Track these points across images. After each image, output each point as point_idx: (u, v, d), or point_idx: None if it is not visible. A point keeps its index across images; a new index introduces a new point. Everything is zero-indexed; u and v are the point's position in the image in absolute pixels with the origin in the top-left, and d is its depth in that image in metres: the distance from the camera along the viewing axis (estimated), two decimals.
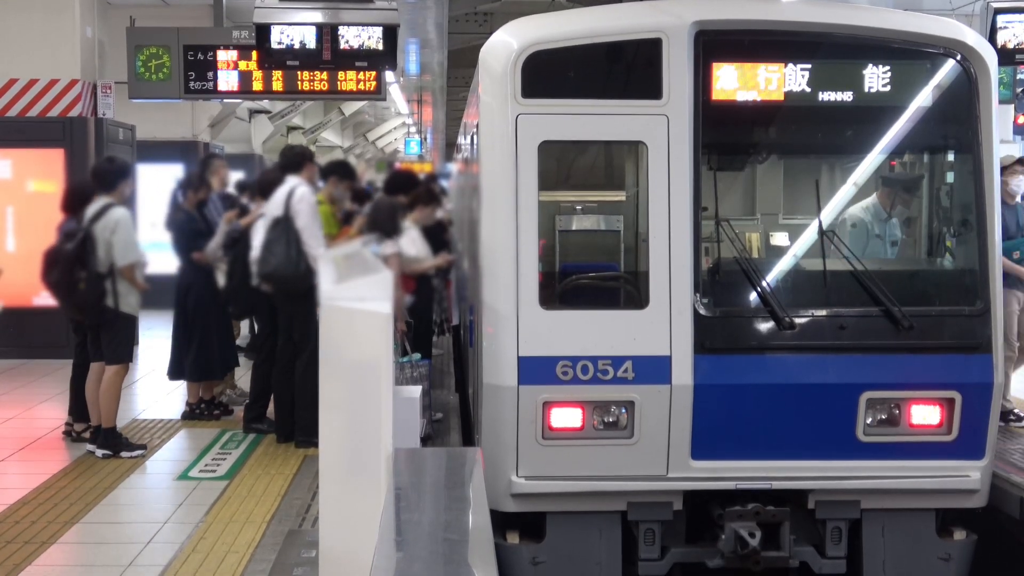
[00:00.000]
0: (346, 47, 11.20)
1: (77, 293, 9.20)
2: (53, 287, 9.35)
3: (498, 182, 7.53)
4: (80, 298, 9.22)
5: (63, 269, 9.17)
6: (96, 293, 9.18)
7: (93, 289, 9.17)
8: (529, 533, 7.73)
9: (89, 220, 9.23)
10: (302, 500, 8.17)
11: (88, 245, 9.13)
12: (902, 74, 7.72)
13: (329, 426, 5.39)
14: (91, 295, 9.18)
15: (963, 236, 7.95)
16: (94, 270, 9.15)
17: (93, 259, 9.14)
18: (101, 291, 9.19)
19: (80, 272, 9.13)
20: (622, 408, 7.45)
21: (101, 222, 9.20)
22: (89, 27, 14.41)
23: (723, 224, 7.81)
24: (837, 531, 7.72)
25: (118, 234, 9.19)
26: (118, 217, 9.25)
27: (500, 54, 7.60)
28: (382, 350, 5.33)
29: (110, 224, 9.19)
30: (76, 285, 9.16)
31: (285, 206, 9.44)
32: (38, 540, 7.33)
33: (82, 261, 9.12)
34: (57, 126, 14.13)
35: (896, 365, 7.58)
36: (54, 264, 9.25)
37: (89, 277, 9.14)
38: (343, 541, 5.33)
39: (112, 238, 9.17)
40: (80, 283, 9.15)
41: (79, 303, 9.28)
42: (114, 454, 9.39)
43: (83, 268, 9.13)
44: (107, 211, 9.25)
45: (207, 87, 14.46)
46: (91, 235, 9.17)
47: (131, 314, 9.45)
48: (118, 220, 9.23)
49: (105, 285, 9.19)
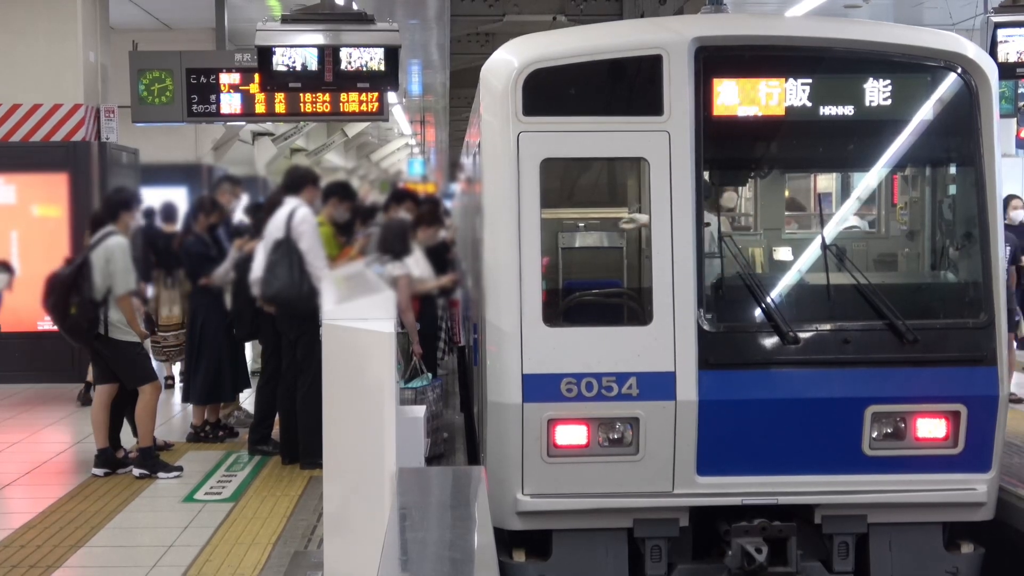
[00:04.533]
0: (348, 68, 11.21)
1: (69, 318, 9.25)
2: (50, 311, 9.43)
3: (500, 200, 7.53)
4: (72, 323, 9.27)
5: (58, 293, 9.24)
6: (87, 319, 9.22)
7: (84, 314, 9.21)
8: (535, 551, 7.71)
9: (89, 247, 9.29)
10: (307, 521, 8.16)
11: (84, 271, 9.19)
12: (903, 88, 7.73)
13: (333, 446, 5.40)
14: (82, 320, 9.22)
15: (966, 249, 7.94)
16: (87, 296, 9.18)
17: (87, 285, 9.18)
18: (92, 317, 9.22)
19: (73, 297, 9.19)
20: (627, 425, 7.44)
21: (98, 250, 9.25)
22: (92, 52, 14.46)
23: (726, 239, 7.81)
24: (844, 546, 7.70)
25: (113, 263, 9.23)
26: (113, 245, 9.29)
27: (501, 72, 7.62)
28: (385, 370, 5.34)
29: (106, 252, 9.23)
30: (69, 310, 9.22)
31: (286, 228, 9.45)
32: (43, 564, 7.32)
33: (77, 286, 9.17)
34: (61, 151, 14.16)
35: (901, 378, 7.57)
36: (53, 289, 9.31)
37: (81, 302, 9.18)
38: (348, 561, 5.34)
39: (108, 267, 9.21)
40: (72, 308, 9.20)
41: (71, 328, 9.34)
42: (151, 474, 9.43)
43: (77, 294, 9.18)
44: (105, 239, 9.29)
45: (210, 110, 14.48)
46: (88, 261, 9.23)
47: (131, 340, 9.45)
48: (114, 249, 9.27)
49: (97, 312, 9.22)
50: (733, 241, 7.88)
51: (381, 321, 5.27)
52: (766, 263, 8.73)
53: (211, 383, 10.74)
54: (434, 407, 9.93)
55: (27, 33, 14.11)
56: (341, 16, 11.39)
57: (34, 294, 9.65)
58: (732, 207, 9.76)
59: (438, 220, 11.39)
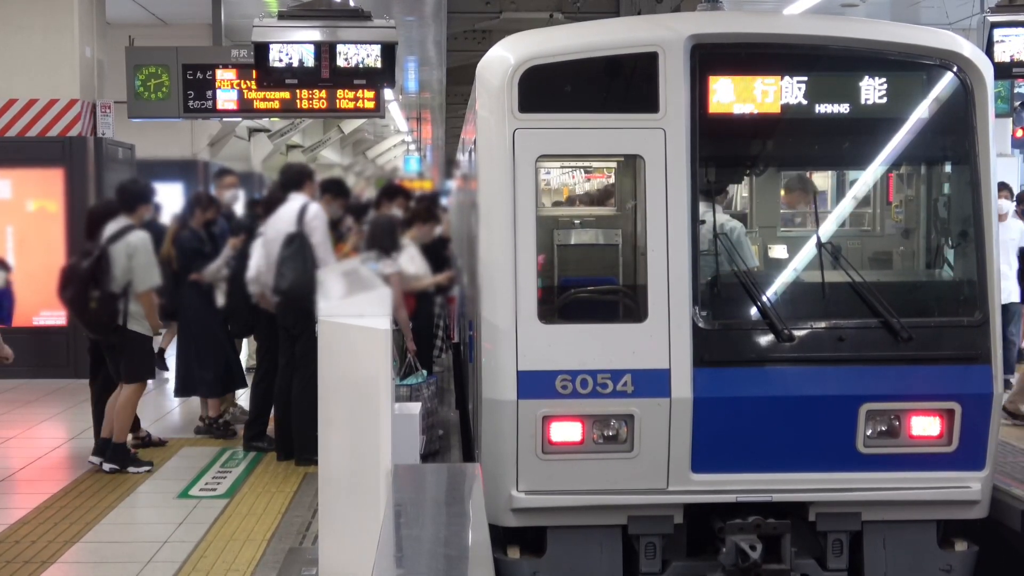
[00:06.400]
0: (345, 65, 11.20)
1: (89, 312, 9.24)
2: (68, 304, 9.45)
3: (496, 197, 7.53)
4: (92, 317, 9.26)
5: (77, 287, 9.21)
6: (108, 312, 9.21)
7: (104, 308, 9.20)
8: (530, 548, 7.71)
9: (107, 240, 9.25)
10: (302, 518, 8.17)
11: (103, 264, 9.16)
12: (898, 86, 7.73)
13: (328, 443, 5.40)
14: (103, 314, 9.21)
15: (961, 247, 7.96)
16: (107, 290, 9.17)
17: (107, 279, 9.16)
18: (113, 311, 9.22)
19: (93, 291, 9.16)
20: (622, 422, 7.45)
21: (119, 244, 9.22)
22: (88, 47, 14.45)
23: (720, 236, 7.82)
24: (838, 543, 7.71)
25: (136, 259, 9.22)
26: (136, 242, 9.28)
27: (497, 69, 7.62)
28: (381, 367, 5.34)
29: (128, 248, 9.22)
30: (89, 304, 9.20)
31: (298, 223, 9.47)
32: (38, 560, 7.32)
33: (96, 280, 9.15)
34: (57, 146, 14.16)
35: (895, 376, 7.57)
36: (69, 281, 9.30)
37: (102, 296, 9.17)
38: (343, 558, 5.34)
39: (131, 263, 9.20)
40: (92, 302, 9.18)
41: (91, 322, 9.33)
42: (121, 469, 9.41)
43: (96, 287, 9.16)
44: (126, 233, 9.27)
45: (206, 106, 14.49)
46: (107, 255, 9.19)
47: (145, 334, 9.46)
48: (137, 245, 9.26)
49: (117, 305, 9.21)
50: (728, 238, 7.88)
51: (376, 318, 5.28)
52: (761, 260, 8.73)
53: (223, 374, 10.78)
54: (429, 404, 9.94)
55: (23, 28, 14.11)
56: (338, 12, 11.39)
57: (30, 289, 9.67)
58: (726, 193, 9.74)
59: (434, 217, 11.38)
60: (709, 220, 7.80)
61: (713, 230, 7.80)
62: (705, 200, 7.88)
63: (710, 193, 8.13)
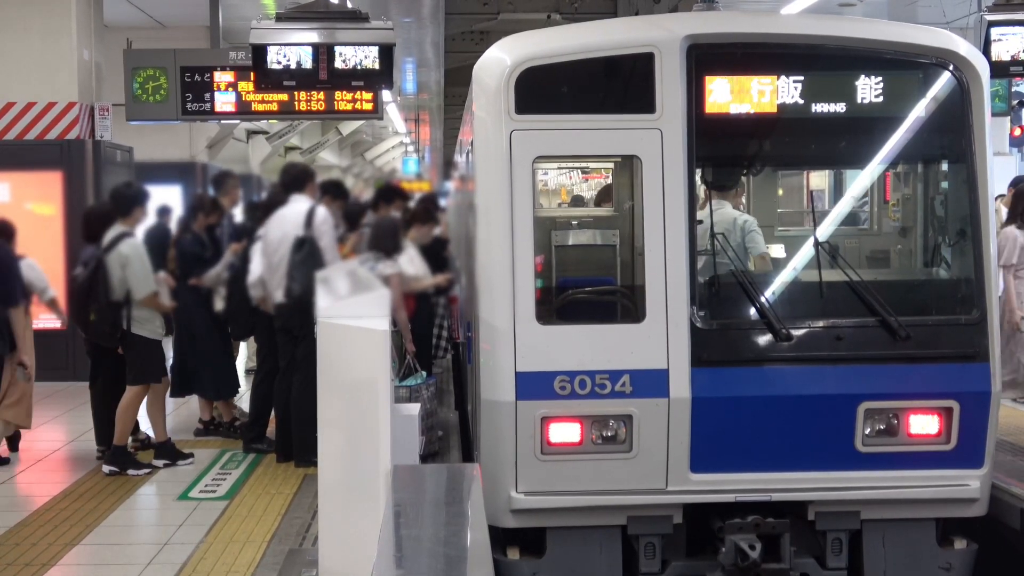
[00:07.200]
0: (343, 67, 11.21)
1: (91, 324, 9.26)
2: (73, 318, 9.46)
3: (493, 198, 7.54)
4: (95, 329, 9.29)
5: (76, 301, 9.23)
6: (108, 323, 9.22)
7: (104, 319, 9.21)
8: (529, 549, 7.72)
9: (103, 249, 9.26)
10: (302, 519, 8.17)
11: (99, 275, 9.16)
12: (895, 85, 7.75)
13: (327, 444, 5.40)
14: (104, 325, 9.22)
15: (958, 245, 7.97)
16: (105, 300, 9.17)
17: (104, 290, 9.16)
18: (114, 321, 9.22)
19: (92, 304, 9.17)
20: (620, 422, 7.46)
21: (112, 255, 9.22)
22: (86, 50, 14.46)
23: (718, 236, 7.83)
24: (838, 542, 7.72)
25: (130, 268, 9.22)
26: (128, 251, 9.27)
27: (493, 70, 7.63)
28: (380, 368, 5.35)
29: (120, 259, 9.22)
30: (88, 316, 9.22)
31: (306, 227, 9.47)
32: (38, 562, 7.33)
33: (92, 292, 9.15)
34: (55, 149, 14.16)
35: (894, 375, 7.58)
36: (71, 297, 9.35)
37: (100, 308, 9.18)
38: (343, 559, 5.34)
39: (125, 273, 9.21)
40: (91, 314, 9.19)
41: (95, 334, 9.37)
42: (121, 471, 9.42)
43: (94, 300, 9.17)
44: (119, 242, 9.27)
45: (204, 108, 14.50)
46: (103, 265, 9.19)
47: (151, 338, 9.47)
48: (129, 255, 9.25)
49: (119, 314, 9.22)
50: (726, 238, 7.90)
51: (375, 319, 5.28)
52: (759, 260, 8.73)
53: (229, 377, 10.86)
54: (428, 405, 9.95)
55: (21, 30, 14.10)
56: (336, 14, 11.40)
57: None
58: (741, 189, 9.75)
59: (432, 218, 11.39)
60: (708, 220, 7.81)
61: (711, 230, 7.81)
62: (718, 195, 7.87)
63: (723, 188, 8.15)
